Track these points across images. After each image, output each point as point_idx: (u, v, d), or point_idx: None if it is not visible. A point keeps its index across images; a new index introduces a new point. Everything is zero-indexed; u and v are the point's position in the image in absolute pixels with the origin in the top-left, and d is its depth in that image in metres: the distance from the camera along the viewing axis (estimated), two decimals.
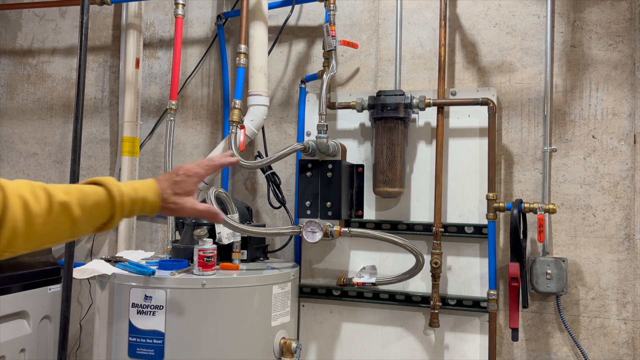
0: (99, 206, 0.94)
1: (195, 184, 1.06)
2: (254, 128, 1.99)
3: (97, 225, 0.97)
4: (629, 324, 1.84)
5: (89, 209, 0.92)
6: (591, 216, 1.88)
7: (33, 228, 0.84)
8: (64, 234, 0.91)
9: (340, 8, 2.14)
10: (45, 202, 0.87)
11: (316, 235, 1.83)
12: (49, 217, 0.87)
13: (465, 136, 1.98)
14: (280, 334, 1.77)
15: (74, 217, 0.90)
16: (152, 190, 1.01)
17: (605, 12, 1.89)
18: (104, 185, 0.96)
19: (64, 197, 0.90)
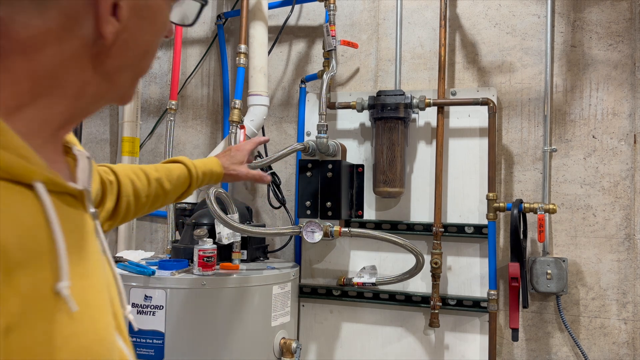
0: (181, 179, 1.20)
1: (244, 155, 1.38)
2: (254, 128, 1.99)
3: (179, 194, 1.23)
4: (629, 324, 1.84)
5: (174, 182, 1.18)
6: (591, 216, 1.88)
7: (139, 200, 1.08)
8: (158, 203, 1.16)
9: (340, 8, 2.14)
10: (145, 180, 1.10)
11: (316, 235, 1.83)
12: (149, 191, 1.11)
13: (465, 136, 1.98)
14: (280, 334, 1.77)
15: (165, 190, 1.15)
16: (216, 164, 1.31)
17: (605, 12, 1.89)
18: (182, 162, 1.22)
19: (156, 175, 1.14)
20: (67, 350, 0.49)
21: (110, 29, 0.54)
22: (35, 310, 0.46)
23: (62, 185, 0.54)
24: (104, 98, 0.60)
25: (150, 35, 0.60)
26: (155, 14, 0.60)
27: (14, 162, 0.48)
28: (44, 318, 0.47)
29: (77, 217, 0.58)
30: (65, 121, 0.57)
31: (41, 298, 0.47)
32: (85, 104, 0.58)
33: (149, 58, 0.62)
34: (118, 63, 0.58)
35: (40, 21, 0.52)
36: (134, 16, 0.56)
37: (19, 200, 0.49)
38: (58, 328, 0.48)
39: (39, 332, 0.46)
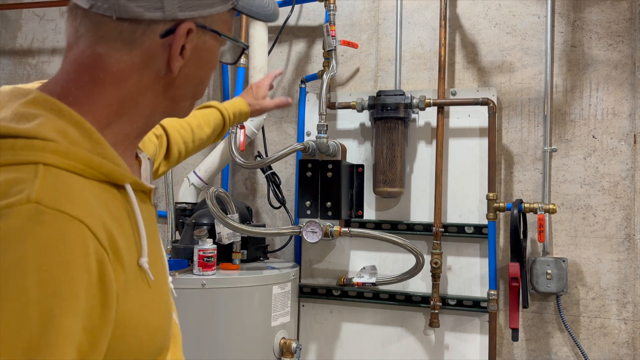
0: (216, 121, 1.34)
1: (265, 89, 1.48)
2: (254, 128, 1.99)
3: (216, 135, 1.35)
4: (629, 324, 1.84)
5: (211, 124, 1.32)
6: (591, 216, 1.88)
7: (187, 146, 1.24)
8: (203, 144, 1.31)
9: (340, 8, 2.14)
10: (188, 128, 1.25)
11: (316, 235, 1.83)
12: (194, 137, 1.26)
13: (465, 136, 1.97)
14: (280, 334, 1.77)
15: (206, 133, 1.30)
16: (243, 103, 1.42)
17: (605, 12, 1.89)
18: (215, 107, 1.35)
19: (196, 122, 1.28)
20: (147, 310, 0.65)
21: (177, 65, 0.70)
22: (131, 280, 0.62)
23: (140, 185, 0.70)
24: (168, 115, 0.76)
25: (205, 70, 0.75)
26: (209, 54, 0.74)
27: (114, 169, 0.64)
28: (135, 286, 0.63)
29: (147, 209, 0.73)
30: (139, 134, 0.74)
31: (133, 271, 0.63)
32: (154, 120, 0.75)
33: (204, 87, 0.78)
34: (181, 91, 0.73)
35: (128, 57, 0.67)
36: (194, 55, 0.71)
37: (112, 198, 0.64)
38: (142, 293, 0.64)
39: (133, 297, 0.62)
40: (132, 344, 0.62)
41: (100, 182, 0.63)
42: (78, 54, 0.68)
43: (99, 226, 0.58)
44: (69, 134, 0.62)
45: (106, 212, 0.61)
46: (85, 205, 0.58)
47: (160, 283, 0.71)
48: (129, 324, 0.60)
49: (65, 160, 0.59)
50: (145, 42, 0.67)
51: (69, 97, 0.66)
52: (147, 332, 0.64)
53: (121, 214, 0.64)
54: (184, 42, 0.69)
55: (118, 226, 0.62)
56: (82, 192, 0.59)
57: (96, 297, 0.55)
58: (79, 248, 0.55)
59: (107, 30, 0.66)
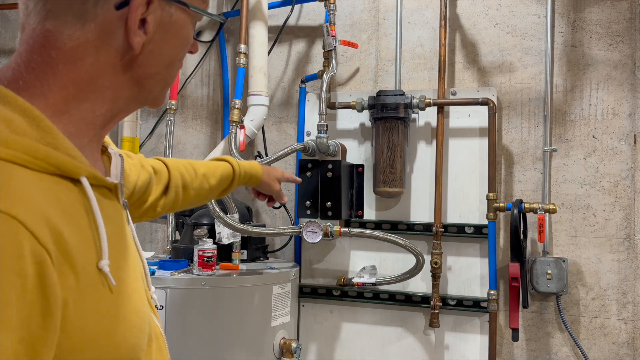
0: (225, 175, 1.28)
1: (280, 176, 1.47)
2: (254, 128, 1.99)
3: (221, 190, 1.31)
4: (629, 324, 1.84)
5: (219, 178, 1.26)
6: (591, 216, 1.88)
7: (187, 192, 1.17)
8: (203, 197, 1.25)
9: (340, 8, 2.14)
10: (193, 173, 1.19)
11: (316, 235, 1.83)
12: (196, 184, 1.20)
13: (465, 136, 1.97)
14: (280, 334, 1.77)
15: (211, 185, 1.24)
16: (258, 169, 1.39)
17: (605, 12, 1.89)
18: (228, 161, 1.31)
19: (203, 170, 1.23)
20: (109, 318, 0.58)
21: (138, 40, 0.63)
22: (86, 285, 0.55)
23: (101, 180, 0.64)
24: (137, 101, 0.69)
25: (173, 47, 0.68)
26: (178, 29, 0.67)
27: (66, 161, 0.57)
28: (92, 292, 0.56)
29: (112, 207, 0.67)
30: (105, 123, 0.67)
31: (89, 275, 0.56)
32: (121, 107, 0.67)
33: (174, 68, 0.70)
34: (146, 71, 0.66)
35: (81, 33, 0.61)
36: (159, 30, 0.65)
37: (66, 192, 0.57)
38: (102, 299, 0.57)
39: (89, 304, 0.55)
40: (90, 356, 0.55)
41: (50, 174, 0.56)
42: (29, 34, 0.62)
43: (39, 223, 0.51)
44: (13, 122, 0.55)
45: (56, 208, 0.54)
46: (21, 199, 0.50)
47: (128, 289, 0.64)
48: (84, 334, 0.54)
49: (4, 149, 0.53)
50: (99, 15, 0.61)
51: (19, 81, 0.60)
52: (110, 342, 0.58)
53: (77, 211, 0.58)
54: (144, 14, 0.62)
55: (71, 224, 0.55)
56: (20, 184, 0.52)
57: (34, 304, 0.49)
58: (10, 248, 0.48)
59: (55, 3, 0.60)
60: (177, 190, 1.14)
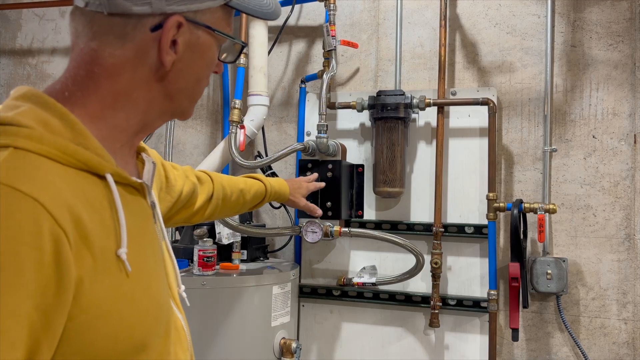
0: (258, 193, 1.45)
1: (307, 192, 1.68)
2: (254, 128, 1.99)
3: (253, 205, 1.47)
4: (629, 324, 1.84)
5: (253, 194, 1.43)
6: (591, 216, 1.88)
7: (226, 204, 1.33)
8: (237, 209, 1.42)
9: (340, 8, 2.14)
10: (235, 188, 1.37)
11: (316, 235, 1.83)
12: (234, 198, 1.36)
13: (465, 136, 1.97)
14: (280, 334, 1.77)
15: (246, 199, 1.41)
16: (286, 188, 1.57)
17: (605, 12, 1.89)
18: (261, 180, 1.48)
19: (242, 186, 1.40)
20: (124, 300, 0.64)
21: (169, 59, 0.71)
22: (103, 268, 0.62)
23: (125, 178, 0.71)
24: (167, 113, 0.77)
25: (200, 66, 0.76)
26: (204, 50, 0.75)
27: (92, 158, 0.65)
28: (109, 275, 0.63)
29: (138, 204, 0.74)
30: (137, 131, 0.75)
31: (107, 259, 0.63)
32: (153, 118, 0.76)
33: (200, 85, 0.78)
34: (176, 86, 0.74)
35: (121, 52, 0.70)
36: (187, 50, 0.73)
37: (92, 186, 0.65)
38: (118, 284, 0.64)
39: (105, 285, 0.62)
40: (103, 332, 0.61)
41: (78, 170, 0.64)
42: (77, 52, 0.71)
43: (60, 208, 0.58)
44: (50, 124, 0.64)
45: (79, 197, 0.61)
46: (46, 186, 0.58)
47: (147, 278, 0.70)
48: (99, 310, 0.61)
49: (38, 145, 0.61)
50: (137, 37, 0.69)
51: (65, 92, 0.69)
52: (123, 323, 0.64)
53: (100, 203, 0.65)
54: (175, 36, 0.70)
55: (93, 214, 0.62)
56: (47, 174, 0.60)
57: (50, 277, 0.55)
58: (29, 225, 0.55)
59: (100, 26, 0.69)
60: (217, 201, 1.30)
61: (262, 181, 1.48)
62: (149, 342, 0.69)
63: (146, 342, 0.68)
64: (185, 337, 0.82)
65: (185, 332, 0.82)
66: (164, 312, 0.74)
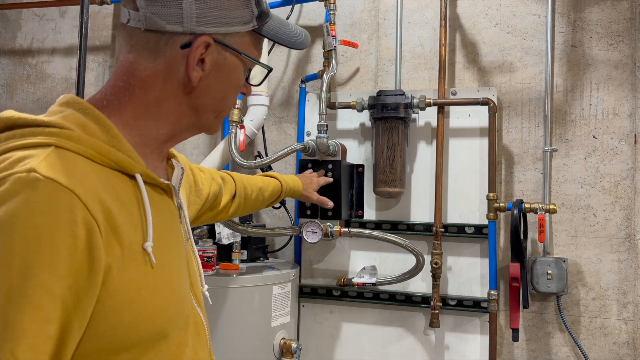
0: (275, 190, 1.55)
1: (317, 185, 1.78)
2: (254, 128, 1.98)
3: (271, 201, 1.57)
4: (630, 324, 1.83)
5: (270, 191, 1.53)
6: (592, 216, 1.88)
7: (247, 202, 1.44)
8: (257, 206, 1.52)
9: (340, 8, 2.14)
10: (255, 186, 1.46)
11: (316, 235, 1.83)
12: (254, 195, 1.46)
13: (465, 136, 1.97)
14: (280, 334, 1.77)
15: (264, 197, 1.51)
16: (299, 184, 1.67)
17: (605, 12, 1.89)
18: (276, 178, 1.58)
19: (260, 184, 1.49)
20: (148, 290, 0.70)
21: (196, 75, 0.77)
22: (130, 258, 0.67)
23: (154, 179, 0.77)
24: (195, 127, 0.84)
25: (225, 85, 0.82)
26: (230, 71, 0.81)
27: (124, 159, 0.72)
28: (135, 265, 0.68)
29: (165, 204, 0.81)
30: (167, 140, 0.81)
31: (134, 251, 0.68)
32: (181, 130, 0.82)
33: (226, 102, 0.84)
34: (202, 101, 0.80)
35: (153, 65, 0.77)
36: (214, 69, 0.79)
37: (122, 185, 0.71)
38: (143, 274, 0.69)
39: (131, 274, 0.67)
40: (126, 317, 0.66)
41: (112, 169, 0.71)
42: (118, 64, 0.79)
43: (93, 199, 0.64)
44: (88, 127, 0.71)
45: (110, 193, 0.67)
46: (81, 180, 0.64)
47: (170, 272, 0.76)
48: (123, 297, 0.66)
49: (76, 145, 0.68)
50: (168, 52, 0.76)
51: (103, 100, 0.77)
52: (145, 310, 0.69)
53: (130, 200, 0.71)
54: (203, 55, 0.77)
55: (123, 208, 0.69)
56: (83, 170, 0.66)
57: (83, 261, 0.61)
58: (65, 213, 0.61)
59: (137, 40, 0.76)
60: (240, 199, 1.39)
61: (277, 179, 1.58)
62: (169, 332, 0.74)
63: (166, 331, 0.73)
64: (205, 333, 0.87)
65: (204, 329, 0.88)
66: (185, 305, 0.79)
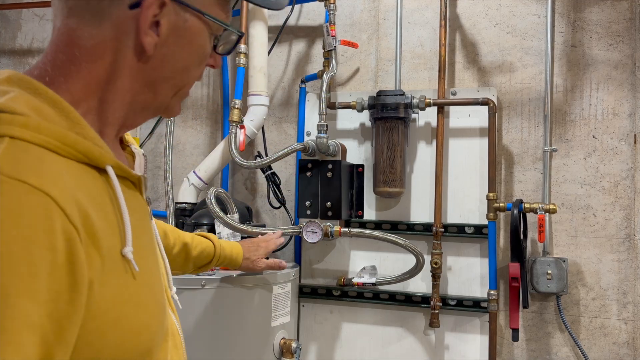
0: (206, 252, 1.29)
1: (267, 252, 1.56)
2: (254, 128, 1.98)
3: (199, 266, 1.31)
4: (630, 324, 1.83)
5: (199, 251, 1.27)
6: (591, 216, 1.88)
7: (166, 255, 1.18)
8: (178, 265, 1.23)
9: (340, 8, 2.14)
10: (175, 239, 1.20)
11: (316, 235, 1.83)
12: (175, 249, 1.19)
13: (465, 136, 1.97)
14: (280, 334, 1.77)
15: (189, 256, 1.24)
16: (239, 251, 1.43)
17: (605, 12, 1.89)
18: (211, 240, 1.33)
19: (188, 240, 1.24)
20: (131, 304, 0.59)
21: (149, 41, 0.63)
22: (110, 269, 0.56)
23: (126, 171, 0.65)
24: (150, 108, 0.70)
25: (187, 54, 0.68)
26: (192, 36, 0.67)
27: (93, 149, 0.59)
28: (116, 276, 0.57)
29: (136, 199, 0.69)
30: (123, 124, 0.69)
31: (114, 260, 0.57)
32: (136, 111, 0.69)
33: (187, 76, 0.70)
34: (159, 74, 0.67)
35: (98, 31, 0.62)
36: (172, 34, 0.65)
37: (93, 180, 0.59)
38: (125, 285, 0.59)
39: (113, 287, 0.57)
40: (112, 339, 0.56)
41: (78, 162, 0.58)
42: (55, 33, 0.65)
43: (70, 202, 0.52)
44: (43, 112, 0.57)
45: (84, 192, 0.56)
46: (54, 179, 0.52)
47: (151, 279, 0.66)
48: (107, 317, 0.55)
49: (36, 134, 0.55)
50: (114, 14, 0.62)
51: (45, 77, 0.63)
52: (131, 329, 0.59)
53: (103, 199, 0.59)
54: (157, 16, 0.63)
55: (98, 209, 0.57)
56: (52, 166, 0.54)
57: (63, 280, 0.50)
58: (41, 222, 0.49)
59: (74, 1, 0.63)
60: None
61: (212, 241, 1.33)
62: (152, 349, 0.64)
63: (151, 348, 0.63)
64: (181, 342, 0.77)
65: (180, 338, 0.77)
66: (165, 315, 0.69)
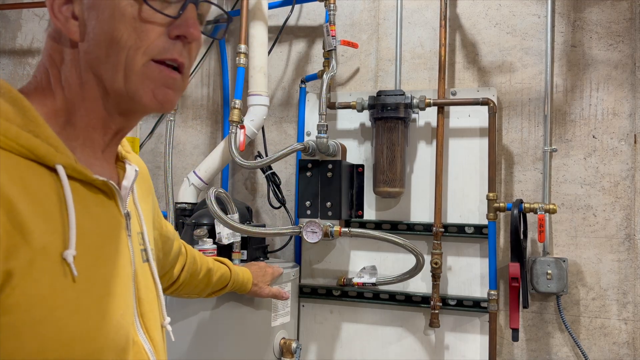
0: (223, 277, 1.34)
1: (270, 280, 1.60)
2: (254, 128, 1.98)
3: (215, 290, 1.35)
4: (630, 324, 1.83)
5: (219, 277, 1.33)
6: (591, 216, 1.88)
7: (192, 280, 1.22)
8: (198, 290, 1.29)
9: (340, 8, 2.14)
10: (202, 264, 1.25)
11: (316, 235, 1.82)
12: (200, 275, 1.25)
13: (465, 136, 1.97)
14: (280, 334, 1.77)
15: (211, 281, 1.30)
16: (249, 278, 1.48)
17: (605, 12, 1.89)
18: (227, 265, 1.38)
19: (211, 265, 1.29)
20: (64, 310, 0.55)
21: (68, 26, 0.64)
22: (42, 267, 0.54)
23: (82, 173, 0.62)
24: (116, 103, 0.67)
25: (107, 23, 0.64)
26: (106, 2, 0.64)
27: (40, 146, 0.58)
28: (50, 276, 0.55)
29: (104, 208, 0.66)
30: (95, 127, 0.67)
31: (50, 259, 0.55)
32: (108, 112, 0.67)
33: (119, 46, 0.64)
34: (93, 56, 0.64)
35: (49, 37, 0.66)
36: (88, 9, 0.64)
37: (36, 177, 0.58)
38: (60, 289, 0.56)
39: (42, 287, 0.54)
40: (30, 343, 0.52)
41: (23, 158, 0.58)
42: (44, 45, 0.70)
43: None
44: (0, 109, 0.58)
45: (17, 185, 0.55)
46: None
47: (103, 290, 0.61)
48: (27, 316, 0.52)
49: None
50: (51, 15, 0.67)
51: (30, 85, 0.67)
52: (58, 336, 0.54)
53: (47, 197, 0.58)
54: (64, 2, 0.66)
55: (34, 205, 0.56)
56: None
57: None
58: None
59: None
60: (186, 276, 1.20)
61: (228, 266, 1.39)
62: None
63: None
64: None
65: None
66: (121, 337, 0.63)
